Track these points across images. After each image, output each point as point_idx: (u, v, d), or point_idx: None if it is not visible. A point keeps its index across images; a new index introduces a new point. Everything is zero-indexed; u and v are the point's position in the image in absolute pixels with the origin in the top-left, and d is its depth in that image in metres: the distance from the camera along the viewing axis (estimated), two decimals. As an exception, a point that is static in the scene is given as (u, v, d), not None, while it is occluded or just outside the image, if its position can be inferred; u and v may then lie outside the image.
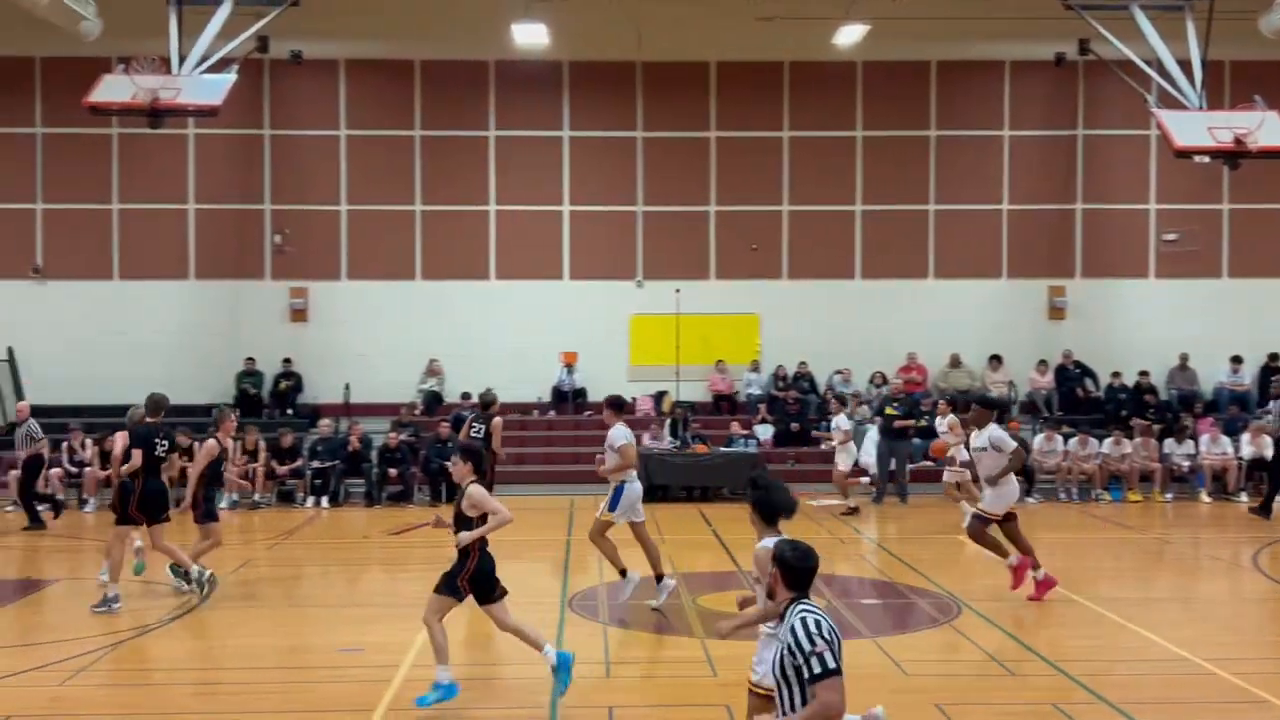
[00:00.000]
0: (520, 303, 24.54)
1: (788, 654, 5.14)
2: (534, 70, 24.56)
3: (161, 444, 12.55)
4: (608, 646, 10.90)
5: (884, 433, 21.02)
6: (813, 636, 5.10)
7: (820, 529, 17.95)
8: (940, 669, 10.20)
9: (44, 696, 9.31)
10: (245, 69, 20.85)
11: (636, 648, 11.08)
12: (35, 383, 23.77)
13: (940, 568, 14.70)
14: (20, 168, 24.14)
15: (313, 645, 11.16)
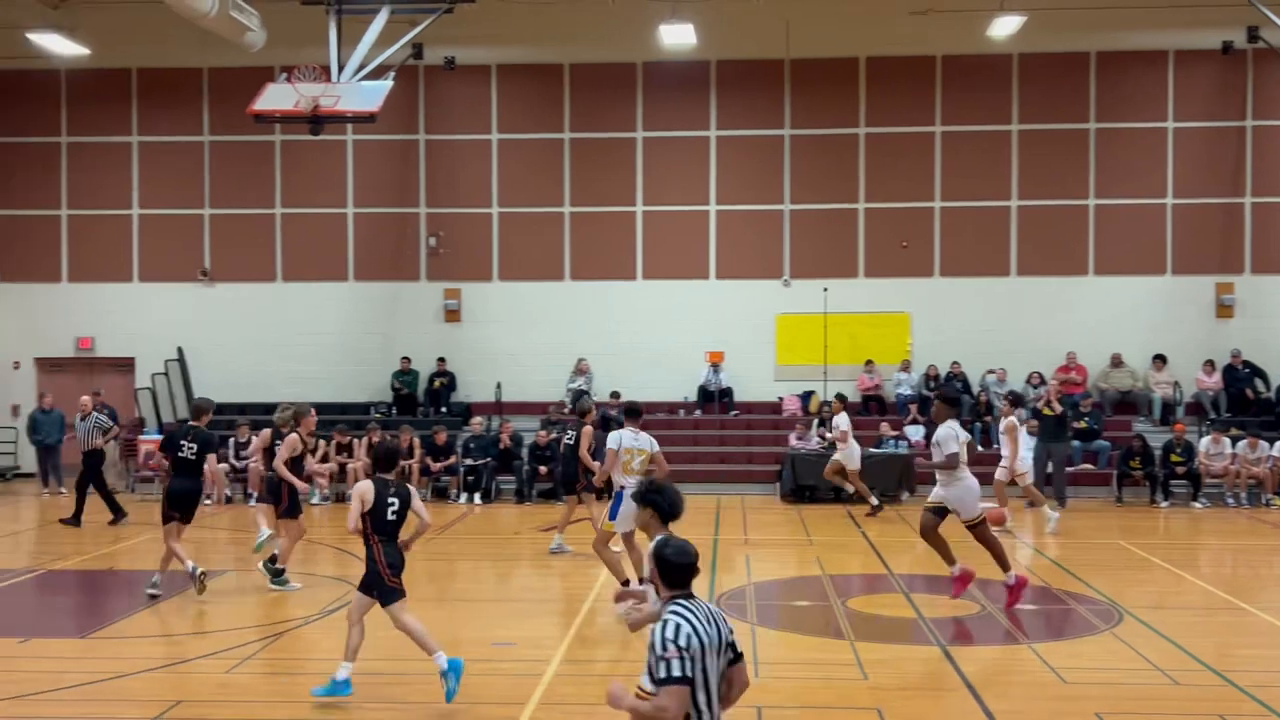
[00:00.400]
0: (667, 302, 24.61)
1: (648, 649, 5.16)
2: (681, 71, 24.60)
3: (189, 445, 12.90)
4: (756, 646, 10.83)
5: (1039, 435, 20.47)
6: (665, 643, 5.06)
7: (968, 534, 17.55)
8: (1101, 676, 9.87)
9: (211, 683, 9.67)
10: (401, 75, 21.39)
11: (785, 648, 10.99)
12: (203, 380, 24.78)
13: (1100, 573, 14.24)
14: (189, 175, 25.17)
15: (465, 638, 11.33)
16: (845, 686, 9.55)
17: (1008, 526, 17.82)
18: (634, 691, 5.23)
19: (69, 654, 10.83)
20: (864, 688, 9.49)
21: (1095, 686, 9.53)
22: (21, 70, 24.97)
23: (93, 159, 25.28)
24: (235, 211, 25.20)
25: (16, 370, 25.37)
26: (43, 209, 25.35)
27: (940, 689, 9.53)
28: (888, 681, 9.67)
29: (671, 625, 5.10)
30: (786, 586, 13.87)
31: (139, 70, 25.13)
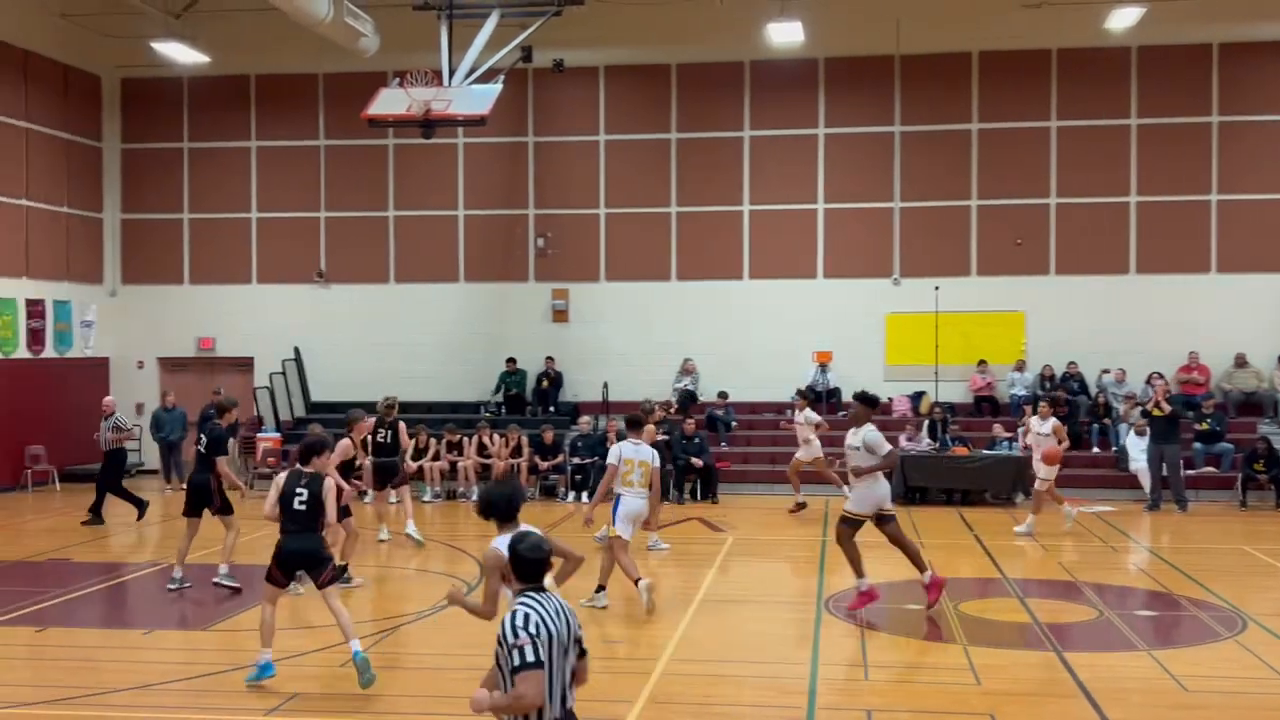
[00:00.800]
0: (774, 302, 24.49)
1: (498, 643, 5.19)
2: (789, 69, 24.46)
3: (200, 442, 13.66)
4: (865, 649, 10.73)
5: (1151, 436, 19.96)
6: (517, 630, 5.13)
7: (1093, 537, 17.19)
8: (1223, 685, 9.57)
9: (328, 677, 9.88)
10: (510, 78, 21.62)
11: (896, 651, 10.86)
12: (318, 380, 25.35)
13: (1222, 578, 13.81)
14: (306, 179, 25.75)
15: (574, 636, 11.41)
16: (957, 691, 9.41)
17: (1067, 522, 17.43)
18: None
19: (190, 646, 11.16)
20: (976, 693, 9.33)
21: (1217, 695, 9.26)
22: (147, 78, 25.81)
23: (213, 164, 26.01)
24: (349, 214, 25.71)
25: (140, 370, 26.21)
26: (166, 213, 26.15)
27: (1055, 695, 9.33)
28: (1001, 687, 9.49)
29: (521, 614, 5.19)
30: (897, 589, 13.68)
31: (257, 77, 25.78)
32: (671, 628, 11.41)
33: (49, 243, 24.21)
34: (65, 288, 24.73)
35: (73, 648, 10.92)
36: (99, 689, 9.45)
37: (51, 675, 10.04)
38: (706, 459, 21.00)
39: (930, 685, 9.61)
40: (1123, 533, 17.66)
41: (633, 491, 12.35)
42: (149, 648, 11.05)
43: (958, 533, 17.70)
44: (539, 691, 5.11)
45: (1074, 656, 10.29)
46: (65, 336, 24.74)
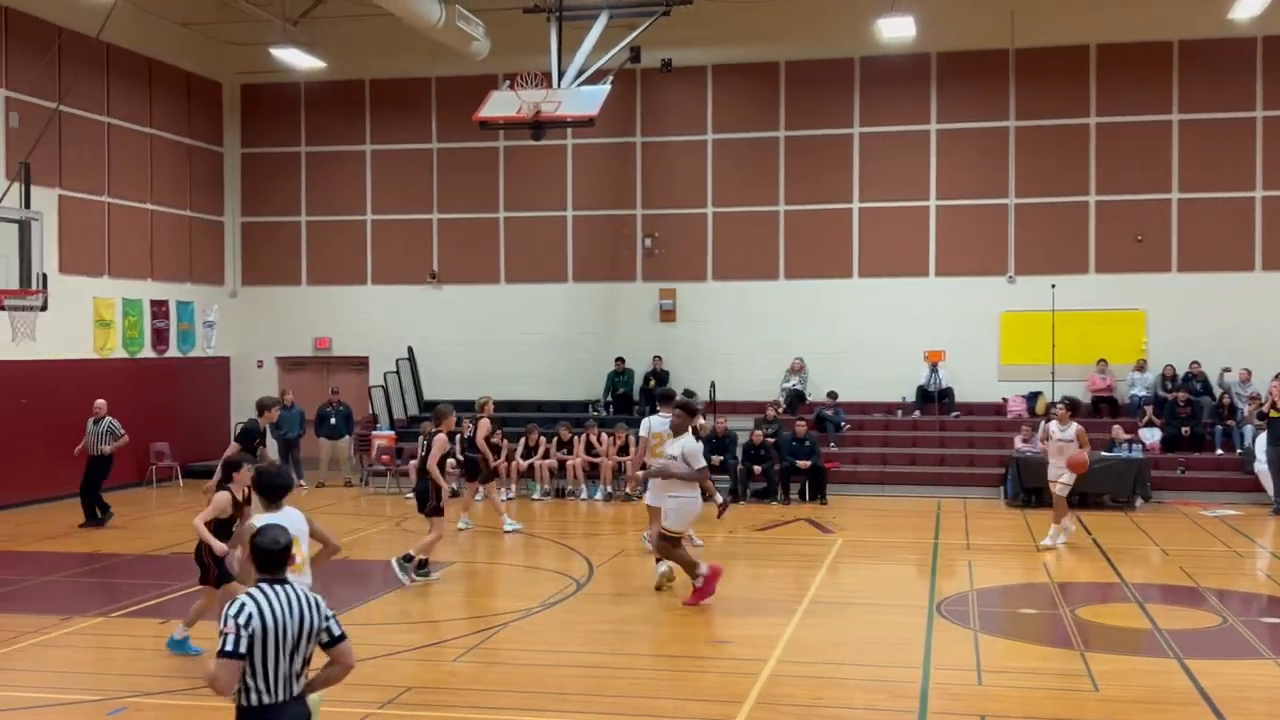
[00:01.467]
0: (884, 300, 24.21)
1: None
2: (900, 64, 24.16)
3: None
4: (979, 653, 10.54)
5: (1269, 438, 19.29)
6: (227, 618, 5.27)
7: (1215, 541, 16.67)
8: (1359, 699, 9.20)
9: (441, 671, 10.02)
10: (619, 79, 21.71)
11: (1010, 656, 10.64)
12: (432, 378, 25.75)
13: (1357, 588, 13.28)
14: (418, 181, 26.18)
15: (682, 635, 11.42)
16: (1074, 698, 9.19)
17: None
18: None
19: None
20: (1094, 699, 9.11)
21: (1353, 709, 8.90)
22: (265, 84, 26.48)
23: (329, 167, 26.58)
24: (461, 216, 26.06)
25: (260, 369, 26.89)
26: (284, 216, 26.81)
27: (1177, 703, 9.06)
28: (1120, 694, 9.25)
29: (237, 604, 5.31)
30: (1011, 593, 13.45)
31: (372, 81, 26.27)
32: (780, 629, 11.34)
33: (173, 246, 24.98)
34: (188, 289, 25.49)
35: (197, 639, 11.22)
36: (220, 679, 9.69)
37: (175, 666, 10.34)
38: (816, 460, 20.83)
39: (1046, 691, 9.40)
40: (1247, 537, 17.10)
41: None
42: (268, 640, 11.30)
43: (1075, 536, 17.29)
44: (229, 680, 5.24)
45: (1196, 664, 9.98)
46: (188, 336, 25.51)
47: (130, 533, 17.59)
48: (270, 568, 5.48)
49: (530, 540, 17.01)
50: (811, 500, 20.68)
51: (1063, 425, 15.81)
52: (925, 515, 19.05)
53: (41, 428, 20.30)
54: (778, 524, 18.36)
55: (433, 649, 10.69)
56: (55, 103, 19.03)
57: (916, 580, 14.35)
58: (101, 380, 21.90)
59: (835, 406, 23.32)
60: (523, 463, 21.57)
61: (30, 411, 20.04)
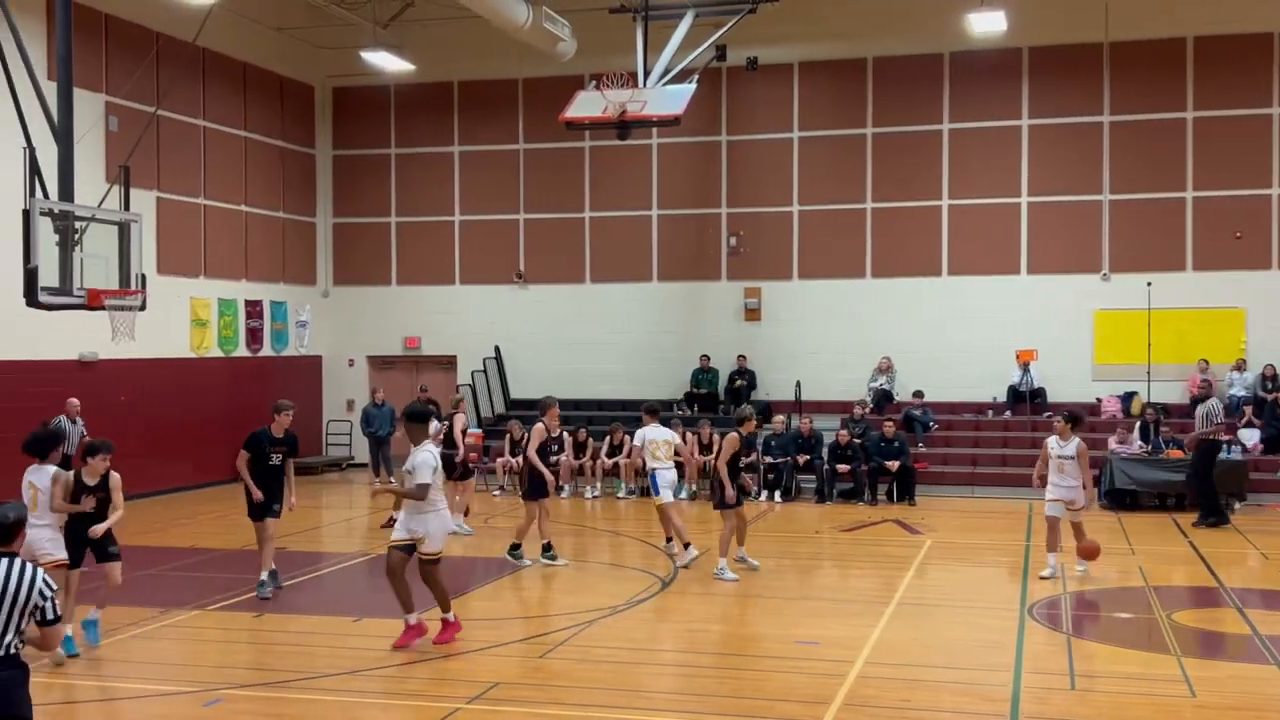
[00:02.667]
0: (974, 299, 23.86)
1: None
2: (990, 59, 23.79)
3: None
4: (1072, 657, 10.34)
5: None
6: None
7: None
8: None
9: (526, 667, 10.08)
10: (704, 78, 21.66)
11: (1104, 661, 10.43)
12: (518, 377, 25.93)
13: None
14: (505, 182, 26.38)
15: (768, 635, 11.36)
16: (1170, 704, 8.98)
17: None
18: None
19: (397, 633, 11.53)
20: (1190, 705, 8.89)
21: None
22: (356, 87, 26.89)
23: (418, 168, 26.89)
24: (547, 216, 26.21)
25: (351, 368, 27.30)
26: (374, 216, 27.18)
27: (1277, 710, 8.81)
28: (1218, 700, 9.02)
29: None
30: (1106, 597, 13.18)
31: (460, 83, 26.53)
32: (867, 630, 11.23)
33: (266, 246, 25.46)
34: (281, 289, 25.96)
35: (287, 633, 11.44)
36: (311, 673, 9.88)
37: (267, 659, 10.55)
38: (904, 460, 20.61)
39: (1141, 697, 9.19)
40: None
41: (663, 464, 15.19)
42: (358, 634, 11.48)
43: (1171, 539, 16.91)
44: None
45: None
46: (281, 336, 25.98)
47: (225, 528, 17.95)
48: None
49: (615, 538, 17.06)
50: (899, 501, 20.46)
51: (1063, 440, 14.10)
52: (1016, 517, 18.75)
53: (140, 426, 20.80)
54: (864, 525, 18.20)
55: (519, 645, 10.76)
56: (153, 107, 19.48)
57: (1007, 583, 14.13)
58: (197, 379, 22.41)
59: (923, 406, 23.05)
60: (607, 461, 21.63)
61: (128, 409, 20.54)
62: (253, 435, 12.87)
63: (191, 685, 9.64)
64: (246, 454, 12.74)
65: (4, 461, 18.17)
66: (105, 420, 18.86)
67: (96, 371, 20.24)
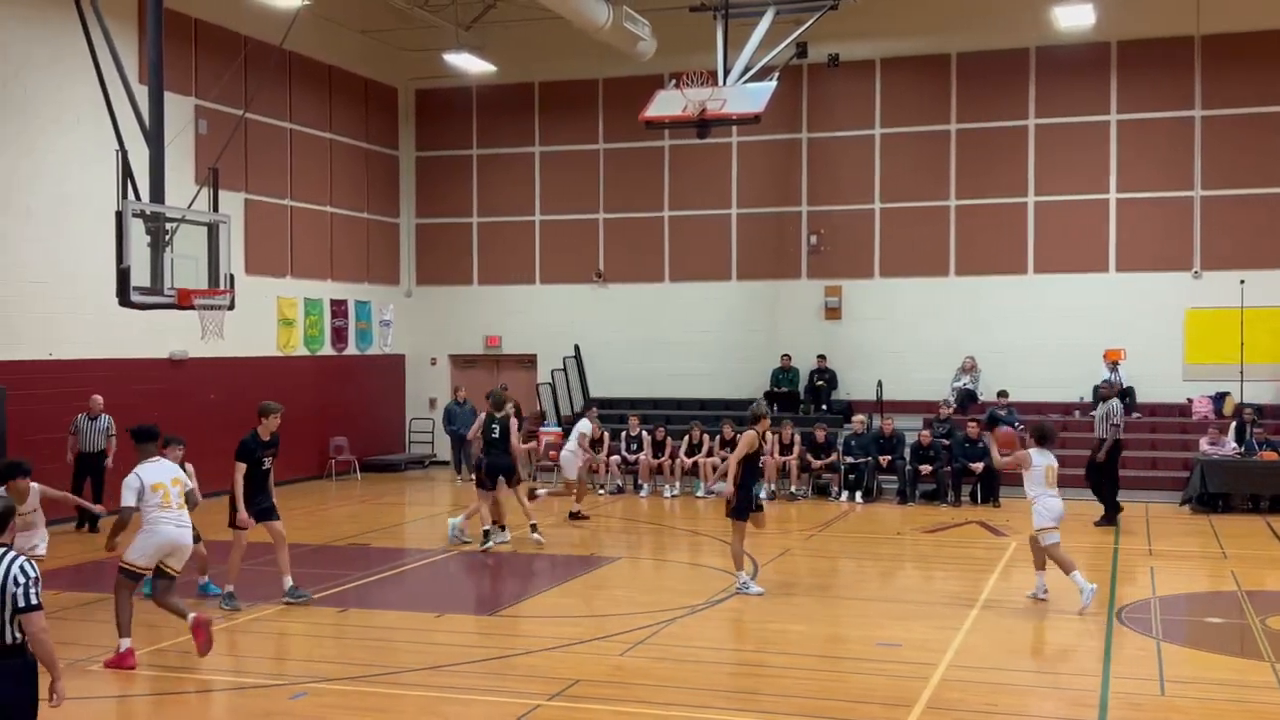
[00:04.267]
0: (1061, 297, 23.45)
1: None
2: (1078, 53, 23.36)
3: (493, 428, 15.79)
4: (1162, 662, 10.11)
5: None
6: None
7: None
8: None
9: (606, 665, 10.10)
10: (784, 75, 21.55)
11: (1195, 666, 10.18)
12: (597, 376, 26.00)
13: None
14: (585, 182, 26.47)
15: (849, 636, 11.27)
16: (1263, 711, 8.74)
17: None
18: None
19: (478, 630, 11.64)
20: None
21: None
22: (439, 88, 27.15)
23: (499, 169, 27.08)
24: (626, 216, 26.25)
25: (434, 366, 27.58)
26: (456, 217, 27.42)
27: (1382, 724, 8.54)
28: (1318, 711, 8.76)
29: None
30: (1196, 601, 12.89)
31: (540, 84, 26.67)
32: (951, 633, 11.09)
33: (351, 247, 25.81)
34: (365, 289, 26.30)
35: (371, 628, 11.58)
36: (394, 668, 9.98)
37: (352, 653, 10.68)
38: (988, 462, 20.29)
39: (1233, 704, 8.96)
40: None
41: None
42: (440, 630, 11.59)
43: (1265, 542, 16.47)
44: None
45: (1403, 682, 9.38)
46: (366, 335, 26.32)
47: (310, 524, 18.23)
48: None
49: (695, 537, 17.03)
50: (983, 503, 20.17)
51: (1043, 452, 12.88)
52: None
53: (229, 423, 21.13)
54: (947, 526, 17.98)
55: (599, 643, 10.78)
56: (241, 110, 19.84)
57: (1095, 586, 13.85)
58: (284, 377, 22.76)
59: (1008, 406, 22.67)
60: (686, 460, 21.61)
61: (218, 407, 20.94)
62: (243, 444, 12.30)
63: (277, 679, 9.80)
64: (244, 465, 12.22)
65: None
66: (194, 418, 19.27)
67: (186, 370, 20.68)
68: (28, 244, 17.88)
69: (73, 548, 15.57)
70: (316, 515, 19.47)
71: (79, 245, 18.21)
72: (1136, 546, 16.15)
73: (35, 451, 17.50)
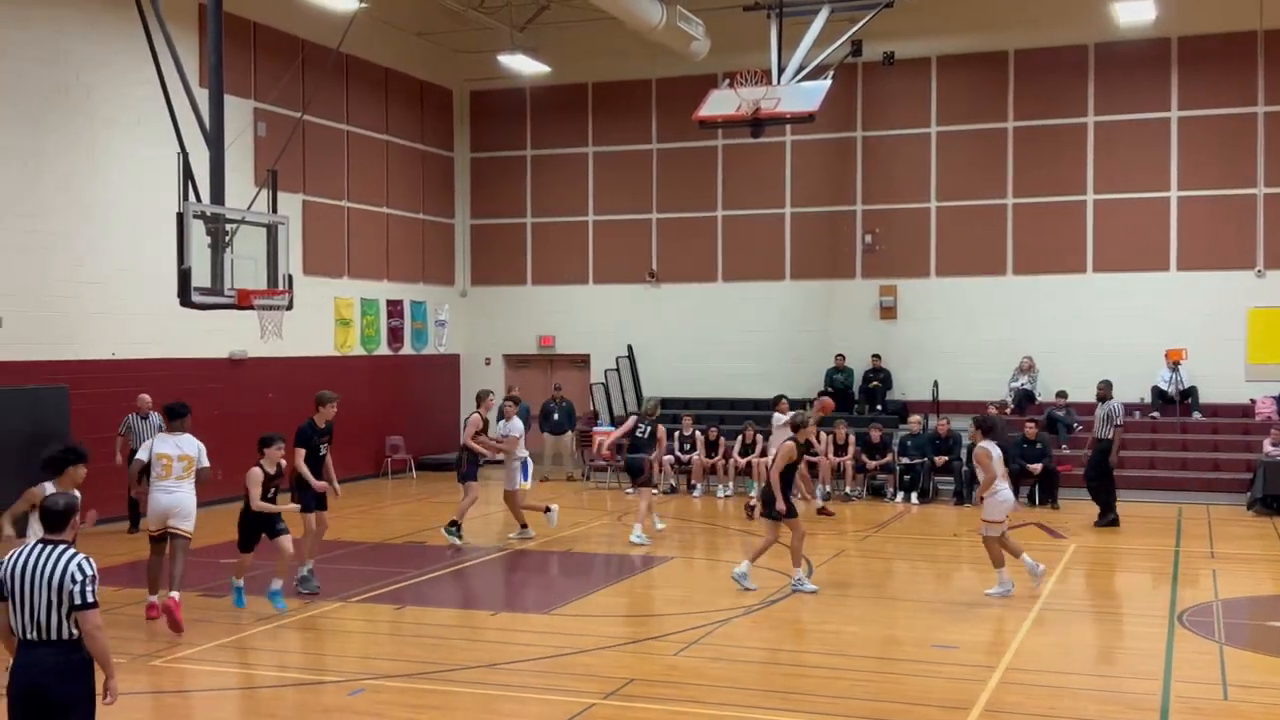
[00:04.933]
0: (1120, 296, 23.13)
1: None
2: (1138, 50, 23.04)
3: (643, 428, 16.25)
4: (1224, 666, 9.96)
5: None
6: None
7: None
8: None
9: (661, 664, 10.10)
10: (839, 74, 21.42)
11: (1259, 671, 10.02)
12: (650, 377, 26.01)
13: None
14: (638, 182, 26.48)
15: (904, 638, 11.19)
16: (1334, 720, 8.58)
17: None
18: None
19: (533, 628, 11.68)
20: (1357, 723, 8.48)
21: None
22: (493, 90, 27.28)
23: (553, 169, 27.17)
24: (679, 215, 26.23)
25: (488, 366, 27.72)
26: (510, 217, 27.54)
27: None
28: (1387, 718, 8.58)
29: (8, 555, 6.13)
30: (1260, 605, 12.67)
31: (594, 84, 26.72)
32: (1009, 635, 10.99)
33: (407, 247, 26.00)
34: (421, 289, 26.49)
35: (427, 625, 11.66)
36: (450, 665, 10.05)
37: (408, 650, 10.77)
38: (1047, 463, 20.09)
39: (1302, 711, 8.81)
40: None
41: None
42: (495, 628, 11.65)
43: None
44: (1, 618, 6.03)
45: None
46: (421, 335, 26.51)
47: (367, 522, 18.40)
48: (48, 526, 6.16)
49: (748, 538, 16.96)
50: (1042, 504, 19.95)
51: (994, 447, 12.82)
52: (1165, 521, 18.16)
53: (288, 421, 21.33)
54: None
55: (653, 643, 10.79)
56: (299, 112, 20.05)
57: (1155, 589, 13.68)
58: (340, 377, 22.95)
59: (1066, 407, 22.42)
60: (740, 460, 21.55)
61: (276, 406, 21.17)
62: (301, 431, 12.87)
63: (335, 675, 9.90)
64: (302, 450, 12.75)
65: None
66: (253, 417, 19.49)
67: (245, 369, 20.94)
68: (89, 244, 18.18)
69: (125, 546, 15.81)
70: (373, 513, 19.64)
71: (140, 246, 18.49)
72: (1198, 549, 15.90)
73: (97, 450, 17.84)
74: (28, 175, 17.27)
